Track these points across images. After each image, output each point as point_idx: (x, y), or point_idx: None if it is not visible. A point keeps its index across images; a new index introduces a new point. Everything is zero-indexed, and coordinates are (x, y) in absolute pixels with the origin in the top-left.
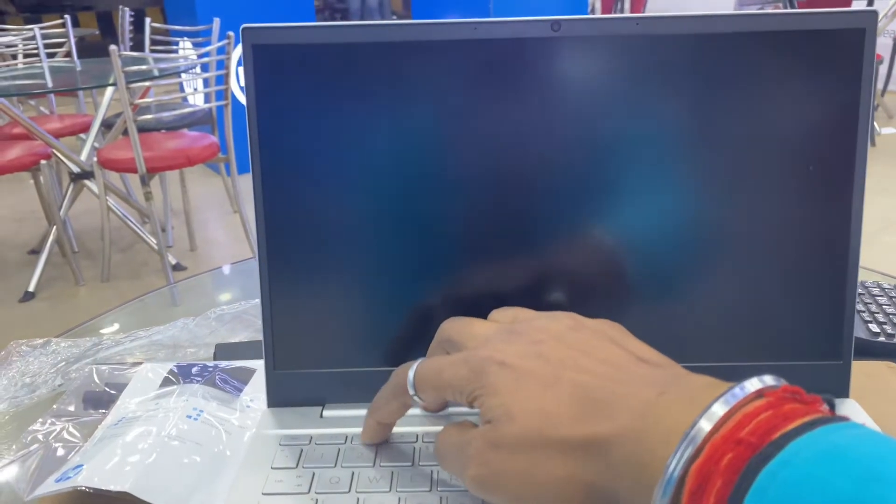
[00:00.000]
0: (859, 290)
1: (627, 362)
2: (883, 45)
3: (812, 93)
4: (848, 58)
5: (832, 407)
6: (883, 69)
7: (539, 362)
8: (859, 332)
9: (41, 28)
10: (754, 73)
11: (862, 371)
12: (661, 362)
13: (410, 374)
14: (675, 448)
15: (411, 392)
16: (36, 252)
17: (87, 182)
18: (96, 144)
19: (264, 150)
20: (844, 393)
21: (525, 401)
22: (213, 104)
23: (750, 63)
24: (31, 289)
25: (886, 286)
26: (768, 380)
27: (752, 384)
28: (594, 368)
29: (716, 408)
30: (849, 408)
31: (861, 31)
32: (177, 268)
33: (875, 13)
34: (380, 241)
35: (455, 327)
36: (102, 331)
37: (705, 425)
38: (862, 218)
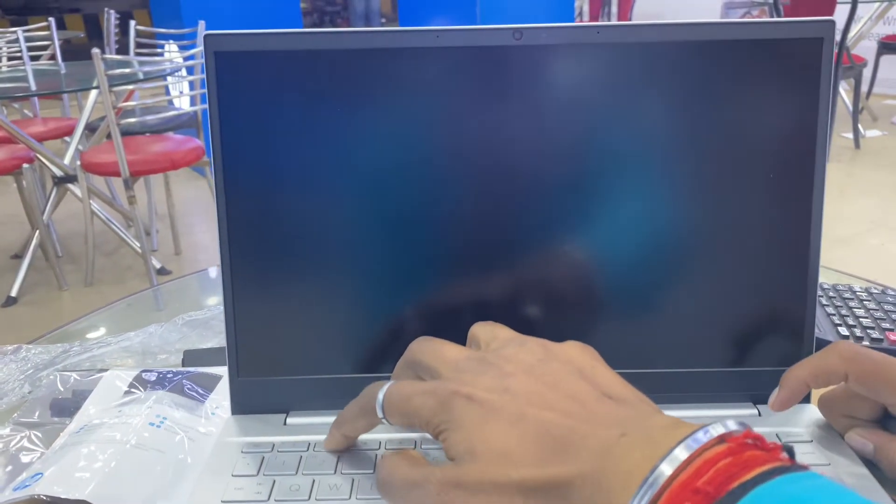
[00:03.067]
0: (830, 294)
1: (593, 399)
2: (868, 49)
3: (771, 102)
4: (807, 67)
5: (792, 454)
6: (867, 72)
7: (506, 398)
8: (829, 335)
9: (25, 31)
10: (714, 82)
11: None
12: (627, 397)
13: (380, 395)
14: (633, 493)
15: (379, 415)
16: (19, 256)
17: (70, 186)
18: (80, 148)
19: (226, 156)
20: (805, 398)
21: (489, 439)
22: (199, 107)
23: (709, 72)
24: (13, 293)
25: (857, 289)
26: (731, 424)
27: (716, 429)
28: (559, 405)
29: (678, 452)
30: (809, 414)
31: (819, 41)
32: (161, 272)
33: (832, 23)
34: (343, 247)
35: (425, 349)
36: (89, 335)
37: (666, 469)
38: (821, 224)
